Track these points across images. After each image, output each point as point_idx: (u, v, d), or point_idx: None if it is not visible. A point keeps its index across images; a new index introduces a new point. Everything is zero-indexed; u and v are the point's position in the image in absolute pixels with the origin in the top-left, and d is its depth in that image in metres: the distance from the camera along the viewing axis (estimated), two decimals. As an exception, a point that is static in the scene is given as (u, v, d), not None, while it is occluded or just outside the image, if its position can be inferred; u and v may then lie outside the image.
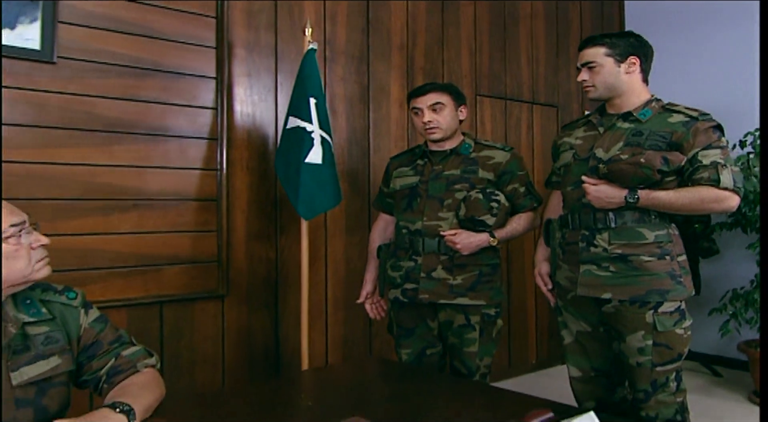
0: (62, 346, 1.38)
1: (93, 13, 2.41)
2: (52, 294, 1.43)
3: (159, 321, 2.61)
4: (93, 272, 2.44)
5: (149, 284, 2.57)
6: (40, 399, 1.33)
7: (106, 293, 2.47)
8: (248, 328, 2.86)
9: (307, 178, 2.52)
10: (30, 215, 1.38)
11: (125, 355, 1.45)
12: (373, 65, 3.28)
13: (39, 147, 2.32)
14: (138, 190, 2.54)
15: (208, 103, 2.72)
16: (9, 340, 1.31)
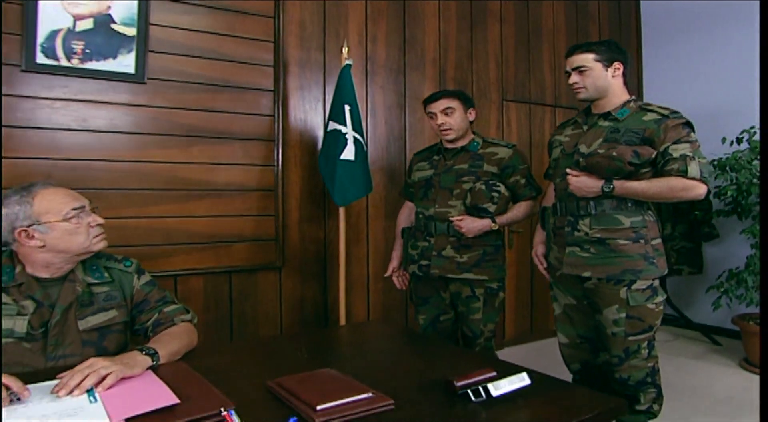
0: (119, 302, 1.61)
1: (175, 43, 2.67)
2: (113, 263, 1.66)
3: (228, 286, 2.85)
4: (176, 246, 2.71)
5: (221, 257, 2.81)
6: (101, 341, 1.55)
7: (187, 264, 2.73)
8: (301, 294, 3.06)
9: (342, 172, 2.69)
10: (91, 201, 1.60)
11: (166, 311, 1.64)
12: (408, 76, 3.40)
13: (135, 149, 2.61)
14: (210, 182, 2.78)
15: (267, 111, 2.92)
16: (77, 296, 1.54)
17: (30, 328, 1.46)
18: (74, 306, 1.53)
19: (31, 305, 1.48)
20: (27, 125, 2.38)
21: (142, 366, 1.34)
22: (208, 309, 2.80)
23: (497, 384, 1.16)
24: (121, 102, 2.57)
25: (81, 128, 2.49)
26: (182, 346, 1.53)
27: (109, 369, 1.26)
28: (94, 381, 1.22)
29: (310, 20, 3.06)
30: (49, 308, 1.50)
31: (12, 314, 1.45)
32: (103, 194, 2.53)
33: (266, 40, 2.92)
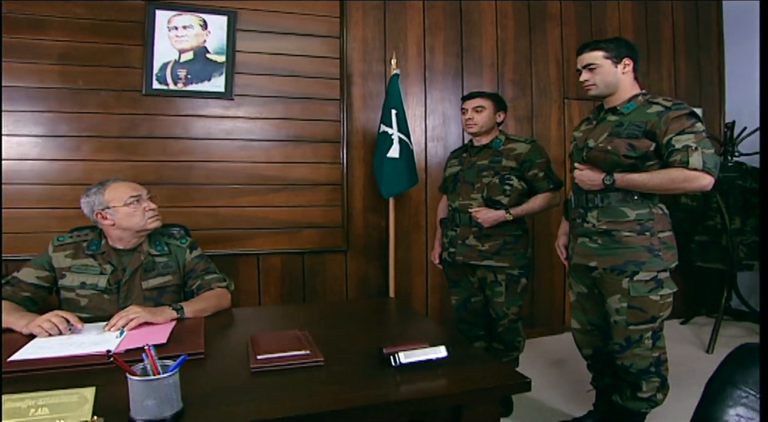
0: (174, 270, 1.92)
1: (256, 65, 2.99)
2: (172, 240, 1.98)
3: (301, 264, 3.13)
4: (258, 230, 3.04)
5: (295, 240, 3.10)
6: (159, 298, 1.87)
7: (267, 245, 3.05)
8: (365, 274, 3.25)
9: (388, 168, 2.83)
10: (149, 191, 1.93)
11: (207, 279, 1.93)
12: (466, 81, 3.42)
13: (225, 152, 2.97)
14: (286, 178, 3.07)
15: (334, 117, 3.14)
16: (141, 262, 1.87)
17: (108, 284, 1.82)
18: (139, 270, 1.87)
19: (109, 268, 1.84)
20: (146, 136, 2.84)
21: (166, 316, 1.62)
22: (284, 283, 3.10)
23: (408, 354, 1.24)
24: (214, 115, 2.94)
25: (184, 136, 2.90)
26: (209, 306, 1.79)
27: (137, 314, 1.55)
28: (123, 323, 1.53)
29: (371, 37, 3.21)
30: (122, 270, 1.85)
31: (96, 273, 1.82)
32: (201, 188, 2.92)
33: (333, 57, 3.13)
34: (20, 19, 2.65)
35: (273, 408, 1.07)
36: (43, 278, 1.81)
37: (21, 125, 2.68)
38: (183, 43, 2.81)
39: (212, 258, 2.90)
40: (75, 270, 1.82)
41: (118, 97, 2.78)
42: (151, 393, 1.00)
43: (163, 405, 1.00)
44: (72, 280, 1.82)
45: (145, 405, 0.99)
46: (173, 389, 1.02)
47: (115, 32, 2.75)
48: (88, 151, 2.77)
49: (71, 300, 1.82)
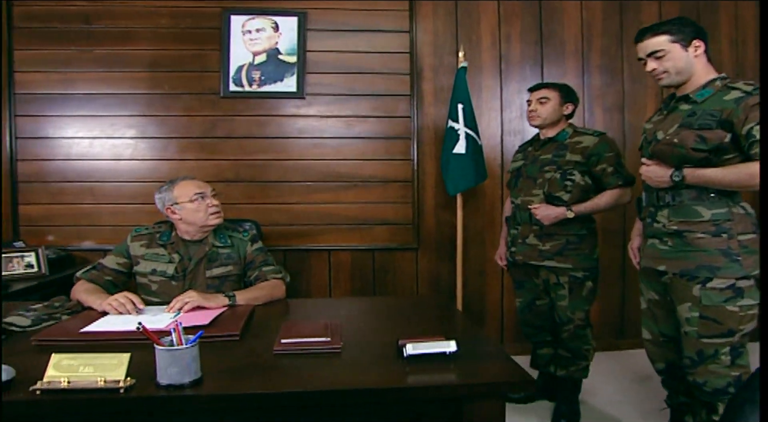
0: (235, 261, 2.16)
1: (326, 63, 3.20)
2: (236, 233, 2.22)
3: (372, 261, 3.29)
4: (330, 226, 3.25)
5: (365, 237, 3.27)
6: (220, 286, 2.10)
7: (338, 241, 3.25)
8: (436, 272, 3.34)
9: (454, 164, 2.91)
10: (213, 188, 2.18)
11: (264, 270, 2.14)
12: (546, 70, 3.38)
13: (298, 150, 3.22)
14: (357, 175, 3.25)
15: (405, 113, 3.27)
16: (206, 253, 2.12)
17: (175, 272, 2.10)
18: (204, 260, 2.13)
19: (177, 257, 2.11)
20: (224, 136, 3.17)
21: (218, 302, 1.84)
22: (354, 279, 3.29)
23: (417, 345, 1.33)
24: (287, 114, 3.20)
25: (259, 135, 3.19)
26: (262, 295, 1.99)
27: (191, 298, 1.79)
28: (179, 306, 1.77)
29: (442, 29, 3.29)
30: (188, 260, 2.12)
31: (166, 261, 2.11)
32: (276, 185, 3.19)
33: (403, 52, 3.26)
34: (114, 32, 3.09)
35: (278, 383, 1.22)
36: (122, 264, 2.13)
37: (116, 129, 3.12)
38: (256, 46, 3.10)
39: (285, 253, 3.24)
40: (148, 258, 2.12)
41: (199, 100, 3.13)
42: (174, 361, 1.19)
43: (183, 372, 1.19)
44: (145, 267, 2.12)
45: (168, 372, 1.19)
46: (193, 359, 1.21)
47: (195, 39, 3.11)
48: (174, 151, 3.15)
49: (144, 285, 2.13)
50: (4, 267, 2.64)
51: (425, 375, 1.25)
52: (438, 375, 1.25)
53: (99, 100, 3.11)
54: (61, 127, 3.12)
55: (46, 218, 3.14)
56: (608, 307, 3.41)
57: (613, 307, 3.42)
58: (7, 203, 3.11)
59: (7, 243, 2.90)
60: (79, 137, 3.13)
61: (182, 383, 1.18)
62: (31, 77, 3.09)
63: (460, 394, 1.21)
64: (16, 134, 3.09)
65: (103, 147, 3.14)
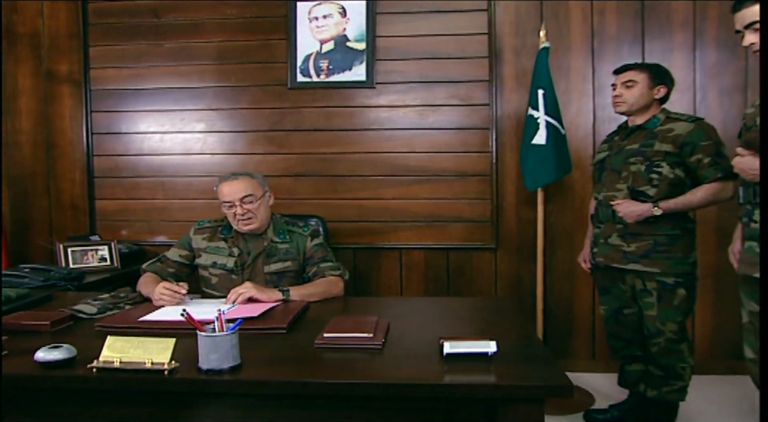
0: (294, 256, 2.36)
1: (397, 49, 3.35)
2: (295, 228, 2.43)
3: (446, 261, 3.40)
4: (401, 224, 3.40)
5: (439, 235, 3.38)
6: (278, 282, 2.31)
7: (410, 239, 3.39)
8: (517, 276, 3.39)
9: (533, 156, 2.94)
10: (249, 193, 2.30)
11: (322, 266, 2.33)
12: (648, 47, 3.30)
13: (368, 142, 3.39)
14: (430, 169, 3.36)
15: (482, 101, 3.34)
16: (264, 248, 2.34)
17: (235, 266, 2.34)
18: (262, 255, 2.35)
19: (237, 251, 2.35)
20: (292, 129, 3.41)
21: (271, 296, 2.04)
22: (427, 280, 3.41)
23: (455, 344, 1.44)
24: (356, 105, 3.39)
25: (328, 128, 3.40)
26: (317, 292, 2.18)
27: (246, 289, 2.00)
28: (234, 298, 1.99)
29: (525, 5, 3.32)
30: (247, 254, 2.36)
31: (226, 254, 2.35)
32: (345, 180, 3.39)
33: (480, 33, 3.32)
34: (182, 25, 3.43)
35: (312, 373, 1.38)
36: (185, 256, 2.40)
37: (185, 123, 3.46)
38: (323, 34, 3.31)
39: (354, 251, 3.42)
40: (209, 251, 2.38)
41: (266, 91, 3.40)
42: (214, 347, 1.38)
43: (223, 358, 1.38)
44: (206, 260, 2.37)
45: (209, 358, 1.38)
46: (232, 346, 1.39)
47: (262, 28, 3.37)
48: (243, 145, 3.44)
49: (205, 278, 2.39)
50: (80, 260, 3.04)
51: (461, 374, 1.35)
52: (474, 374, 1.34)
53: (169, 94, 3.46)
54: (133, 122, 3.51)
55: (120, 213, 3.55)
56: (703, 321, 3.28)
57: (707, 320, 3.28)
58: (84, 198, 3.55)
59: (83, 237, 3.32)
60: (151, 132, 3.50)
61: (221, 368, 1.37)
62: (105, 73, 3.51)
63: (494, 395, 1.30)
64: (92, 130, 3.51)
65: (173, 142, 3.48)
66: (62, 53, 3.53)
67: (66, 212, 3.58)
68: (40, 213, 3.60)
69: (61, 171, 3.57)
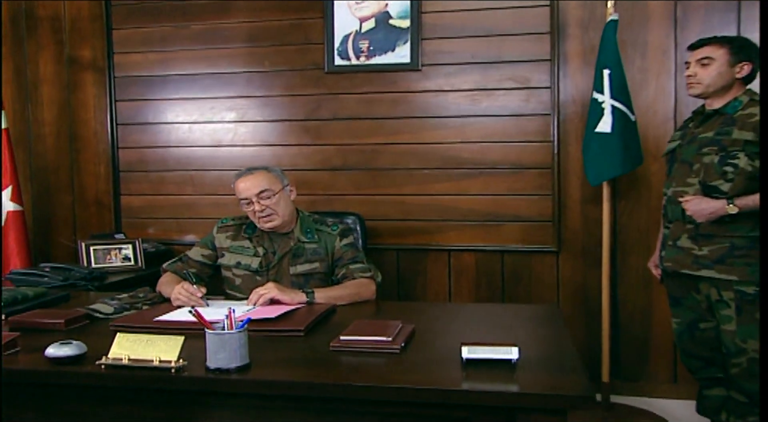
0: (322, 257, 2.52)
1: (446, 26, 3.45)
2: (324, 227, 2.58)
3: (500, 265, 3.48)
4: (450, 223, 3.51)
5: (492, 236, 3.47)
6: (305, 284, 2.46)
7: (460, 240, 3.49)
8: (582, 283, 3.42)
9: (596, 146, 2.99)
10: (265, 189, 2.44)
11: (352, 268, 2.48)
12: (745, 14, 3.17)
13: (414, 132, 3.51)
14: (483, 161, 3.45)
15: (543, 83, 3.39)
16: (290, 248, 2.51)
17: (259, 266, 2.51)
18: (288, 255, 2.52)
19: (262, 250, 2.53)
20: (329, 118, 3.58)
21: (294, 297, 2.19)
22: (479, 286, 3.50)
23: (473, 349, 1.56)
24: (400, 90, 3.51)
25: (368, 116, 3.55)
26: (345, 295, 2.33)
27: (267, 290, 2.17)
28: (255, 299, 2.17)
29: (594, -28, 3.34)
30: (272, 254, 2.53)
31: (251, 254, 2.53)
32: (388, 173, 3.53)
33: (541, 5, 3.36)
34: (210, 4, 3.65)
35: (321, 374, 1.52)
36: (207, 256, 2.60)
37: (215, 112, 3.69)
38: (363, 11, 3.46)
39: (397, 253, 3.56)
40: (233, 251, 2.57)
41: (302, 76, 3.58)
42: (222, 346, 1.54)
43: (231, 357, 1.54)
44: (229, 259, 2.56)
45: (217, 357, 1.55)
46: (240, 345, 1.55)
47: (296, 7, 3.55)
48: (276, 135, 3.64)
49: (228, 279, 2.57)
50: (102, 259, 3.31)
51: (480, 381, 1.47)
52: (493, 382, 1.45)
53: (197, 81, 3.70)
54: (160, 111, 3.77)
55: (147, 210, 3.82)
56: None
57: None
58: (108, 193, 3.84)
59: (107, 235, 3.60)
60: (179, 122, 3.75)
61: (229, 367, 1.53)
62: (129, 59, 3.79)
63: (512, 404, 1.41)
64: (117, 120, 3.80)
65: (202, 132, 3.72)
66: (84, 38, 3.83)
67: (90, 208, 3.88)
68: (63, 210, 3.92)
69: (85, 165, 3.87)
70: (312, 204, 3.46)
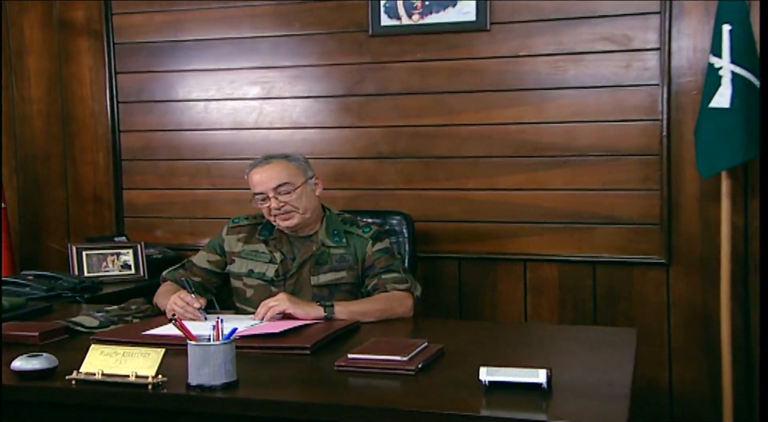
0: (350, 265, 2.74)
1: (522, -27, 3.53)
2: (354, 228, 2.79)
3: (592, 281, 3.55)
4: (525, 225, 3.63)
5: (581, 243, 3.56)
6: (330, 297, 2.66)
7: (538, 247, 3.60)
8: (703, 307, 3.43)
9: (710, 126, 3.04)
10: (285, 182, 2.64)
11: (384, 278, 2.67)
12: None
13: (478, 110, 3.65)
14: (569, 146, 3.53)
15: (650, 43, 3.42)
16: (312, 253, 2.72)
17: (276, 275, 2.74)
18: (310, 262, 2.74)
19: (279, 256, 2.76)
20: (374, 93, 3.76)
21: (309, 311, 2.41)
22: (564, 306, 3.59)
23: (493, 371, 1.74)
24: (462, 56, 3.65)
25: (422, 90, 3.71)
26: (373, 310, 2.54)
27: (277, 302, 2.38)
28: (263, 312, 2.39)
29: None
30: (291, 260, 2.76)
31: (266, 261, 2.77)
32: (446, 162, 3.69)
33: (646, -55, 3.41)
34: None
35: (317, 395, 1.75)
36: (214, 262, 2.86)
37: (236, 86, 3.94)
38: (417, -42, 3.64)
39: (458, 262, 3.68)
40: (245, 256, 2.81)
41: (341, 41, 3.78)
42: (205, 360, 1.78)
43: (215, 373, 1.77)
44: (240, 266, 2.81)
45: (199, 372, 1.79)
46: (226, 359, 1.79)
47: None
48: (310, 115, 3.86)
49: (238, 290, 2.82)
50: (97, 266, 3.62)
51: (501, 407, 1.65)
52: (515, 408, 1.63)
53: (213, 48, 3.96)
54: (169, 86, 4.05)
55: (154, 207, 4.11)
56: None
57: None
58: (108, 187, 4.16)
59: (106, 238, 3.90)
60: (192, 100, 4.02)
61: (213, 385, 1.77)
62: (131, 21, 4.04)
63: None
64: (118, 98, 4.10)
65: (220, 112, 3.99)
66: (77, -5, 4.08)
67: (87, 205, 4.20)
68: (54, 208, 4.24)
69: (81, 152, 4.18)
70: (352, 201, 3.66)
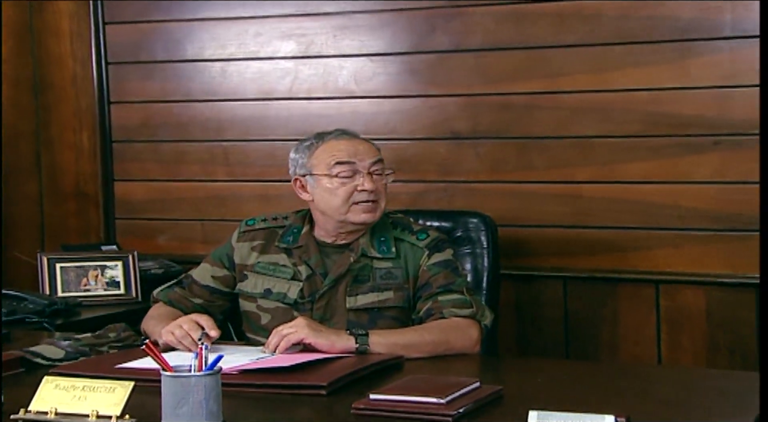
0: (399, 283, 2.84)
1: None
2: (407, 234, 2.90)
3: (756, 311, 3.52)
4: (658, 232, 3.69)
5: (738, 257, 3.57)
6: (371, 325, 2.77)
7: (677, 263, 3.66)
8: None
9: None
10: (381, 161, 2.78)
11: (440, 300, 2.74)
12: None
13: (590, 72, 3.74)
14: (719, 121, 3.56)
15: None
16: (349, 267, 2.82)
17: (301, 296, 2.85)
18: (346, 279, 2.84)
19: (305, 271, 2.87)
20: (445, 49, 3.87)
21: (335, 342, 2.48)
22: (715, 345, 3.62)
23: (544, 415, 1.90)
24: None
25: (513, 45, 3.80)
26: (423, 341, 2.63)
27: (293, 329, 2.46)
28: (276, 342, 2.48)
29: None
30: (321, 276, 2.86)
31: (287, 277, 2.88)
32: (547, 144, 3.80)
33: None
34: None
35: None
36: (220, 278, 2.99)
37: (262, 43, 4.11)
38: None
39: (564, 282, 3.75)
40: (260, 270, 2.93)
41: (403, -22, 3.86)
42: (183, 395, 1.96)
43: (195, 413, 1.94)
44: (254, 285, 2.93)
45: (176, 412, 1.97)
46: (210, 396, 1.97)
47: None
48: (360, 81, 4.00)
49: (250, 315, 2.93)
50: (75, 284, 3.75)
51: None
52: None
53: (231, -10, 4.04)
54: (174, 43, 4.21)
55: (155, 205, 4.28)
56: None
57: None
58: (95, 178, 4.33)
59: (94, 246, 4.06)
60: (205, 60, 4.18)
61: (191, 428, 1.97)
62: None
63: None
64: (108, 58, 4.28)
65: (242, 77, 4.15)
66: None
67: (67, 203, 4.38)
68: (25, 205, 4.41)
69: (59, 131, 4.35)
70: (418, 197, 3.83)
